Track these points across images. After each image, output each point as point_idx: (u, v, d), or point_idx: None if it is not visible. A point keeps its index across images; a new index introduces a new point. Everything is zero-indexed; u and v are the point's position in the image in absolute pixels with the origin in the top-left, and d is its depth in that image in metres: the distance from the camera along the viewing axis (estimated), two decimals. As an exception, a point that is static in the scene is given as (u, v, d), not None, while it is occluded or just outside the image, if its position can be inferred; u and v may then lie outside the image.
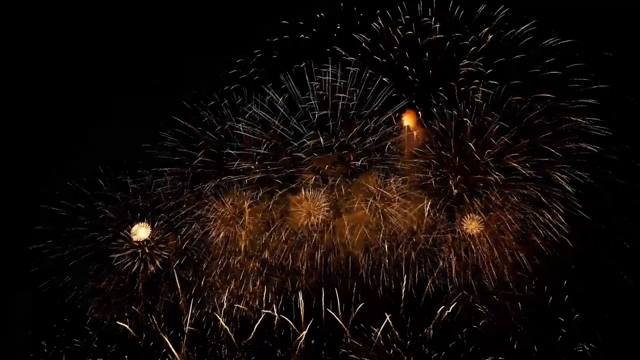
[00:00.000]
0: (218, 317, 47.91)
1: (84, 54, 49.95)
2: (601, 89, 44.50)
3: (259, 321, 47.73)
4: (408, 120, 47.42)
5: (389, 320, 46.74)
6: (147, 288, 49.38)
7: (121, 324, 48.44)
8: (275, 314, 47.71)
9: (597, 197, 45.12)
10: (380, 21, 47.61)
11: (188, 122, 49.02)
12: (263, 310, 47.89)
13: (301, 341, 47.18)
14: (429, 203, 46.34)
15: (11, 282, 49.22)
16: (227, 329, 47.93)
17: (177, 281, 49.06)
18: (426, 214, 46.44)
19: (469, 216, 46.42)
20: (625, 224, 46.02)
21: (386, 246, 46.99)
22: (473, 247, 46.27)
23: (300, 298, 47.59)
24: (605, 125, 44.31)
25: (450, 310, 46.87)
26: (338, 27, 48.50)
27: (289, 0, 49.57)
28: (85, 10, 49.22)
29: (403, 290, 47.33)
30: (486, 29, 46.02)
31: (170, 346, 47.53)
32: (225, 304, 48.18)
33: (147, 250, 48.93)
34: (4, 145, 50.01)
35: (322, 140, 47.17)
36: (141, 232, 48.79)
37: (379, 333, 46.78)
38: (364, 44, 47.77)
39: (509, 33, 45.95)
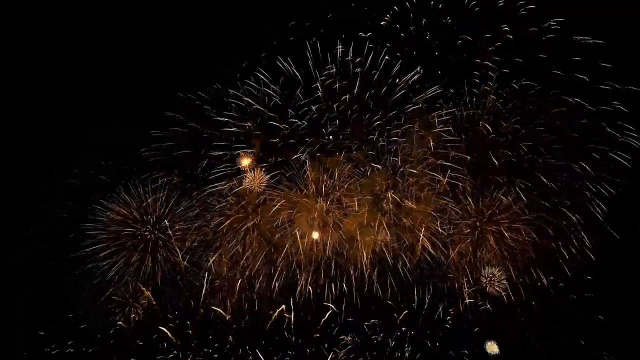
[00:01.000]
0: (226, 316, 48.09)
1: (84, 54, 49.75)
2: (628, 94, 43.59)
3: (270, 321, 47.82)
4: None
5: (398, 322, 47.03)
6: (155, 291, 49.26)
7: (123, 324, 48.53)
8: (287, 315, 47.67)
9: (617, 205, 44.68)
10: (389, 19, 47.33)
11: (195, 122, 49.10)
12: (270, 312, 47.87)
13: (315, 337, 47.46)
14: (440, 204, 46.18)
15: (11, 283, 49.25)
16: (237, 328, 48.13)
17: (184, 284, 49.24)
18: (436, 216, 46.27)
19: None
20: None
21: (396, 246, 46.79)
22: (482, 248, 46.14)
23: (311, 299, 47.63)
24: (634, 132, 43.61)
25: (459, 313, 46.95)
26: (345, 27, 47.96)
27: (290, 0, 49.40)
28: (85, 10, 49.04)
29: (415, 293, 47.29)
30: (503, 26, 45.28)
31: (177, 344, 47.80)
32: (235, 305, 48.28)
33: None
34: (3, 145, 50.05)
35: (331, 140, 47.38)
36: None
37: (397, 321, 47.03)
38: (371, 45, 47.20)
39: (528, 31, 45.09)
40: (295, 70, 47.76)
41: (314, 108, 47.53)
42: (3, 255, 49.20)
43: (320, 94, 47.36)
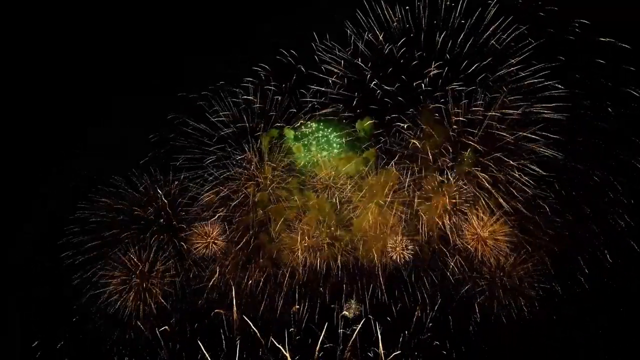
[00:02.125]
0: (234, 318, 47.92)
1: (84, 54, 49.83)
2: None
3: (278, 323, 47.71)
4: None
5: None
6: (164, 294, 49.13)
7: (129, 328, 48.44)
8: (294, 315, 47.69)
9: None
10: (400, 19, 46.22)
11: (197, 122, 48.87)
12: (278, 313, 47.90)
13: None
14: (450, 204, 45.62)
15: (11, 283, 49.40)
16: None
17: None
18: (445, 217, 45.79)
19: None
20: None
21: (406, 248, 46.39)
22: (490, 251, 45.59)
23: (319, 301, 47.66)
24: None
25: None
26: (354, 27, 47.26)
27: (290, 0, 48.99)
28: (85, 10, 49.05)
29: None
30: (521, 26, 43.90)
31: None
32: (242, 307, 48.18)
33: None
34: (3, 145, 50.09)
35: (341, 140, 47.50)
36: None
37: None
38: (381, 46, 46.38)
39: (548, 33, 43.81)
40: (303, 69, 47.54)
41: (322, 109, 47.51)
42: (3, 255, 49.36)
43: (328, 91, 47.27)
